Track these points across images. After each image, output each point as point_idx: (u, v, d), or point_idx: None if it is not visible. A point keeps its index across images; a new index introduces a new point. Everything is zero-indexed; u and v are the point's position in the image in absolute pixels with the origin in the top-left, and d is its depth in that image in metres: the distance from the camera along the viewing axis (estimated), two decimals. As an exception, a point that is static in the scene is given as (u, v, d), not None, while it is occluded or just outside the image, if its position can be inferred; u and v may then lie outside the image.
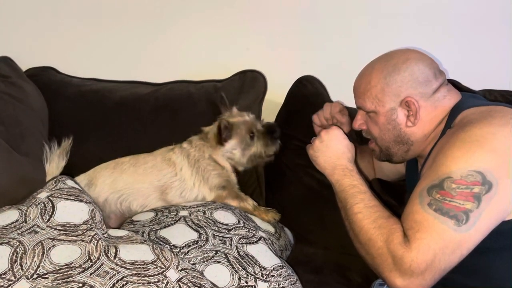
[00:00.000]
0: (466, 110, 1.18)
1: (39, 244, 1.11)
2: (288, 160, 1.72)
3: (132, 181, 1.50)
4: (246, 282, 1.18)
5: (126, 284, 1.04)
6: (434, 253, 1.01)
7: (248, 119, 1.57)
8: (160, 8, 2.00)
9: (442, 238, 1.01)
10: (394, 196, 1.54)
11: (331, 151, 1.30)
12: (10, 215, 1.21)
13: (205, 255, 1.21)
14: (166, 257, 1.13)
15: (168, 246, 1.23)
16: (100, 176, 1.51)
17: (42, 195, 1.25)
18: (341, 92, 1.77)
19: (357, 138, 1.62)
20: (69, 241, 1.13)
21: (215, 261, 1.20)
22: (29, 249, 1.09)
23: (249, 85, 1.82)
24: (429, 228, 1.03)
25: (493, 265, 1.10)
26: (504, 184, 1.02)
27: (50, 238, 1.13)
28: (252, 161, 1.57)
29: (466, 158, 1.04)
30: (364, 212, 1.15)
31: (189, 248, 1.23)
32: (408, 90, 1.21)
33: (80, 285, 1.02)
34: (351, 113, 1.46)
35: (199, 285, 1.10)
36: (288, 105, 1.84)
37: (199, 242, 1.25)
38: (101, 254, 1.10)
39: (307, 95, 1.80)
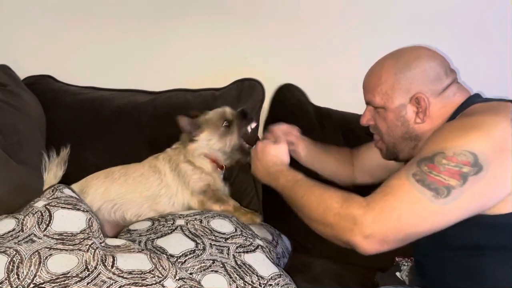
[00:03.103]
0: (474, 105, 1.18)
1: (36, 253, 1.10)
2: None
3: (123, 191, 1.49)
4: (244, 291, 1.17)
5: (123, 293, 1.04)
6: (399, 213, 1.00)
7: (220, 110, 1.57)
8: (158, 16, 2.01)
9: (413, 204, 1.01)
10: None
11: (261, 165, 1.39)
12: (7, 224, 1.21)
13: (202, 264, 1.21)
14: (164, 267, 1.12)
15: (165, 255, 1.22)
16: (92, 185, 1.50)
17: (39, 203, 1.25)
18: (340, 101, 1.79)
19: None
20: (66, 250, 1.13)
21: (212, 271, 1.19)
22: (25, 258, 1.08)
23: (247, 93, 1.83)
24: (402, 193, 1.02)
25: (488, 267, 1.08)
26: (494, 172, 1.01)
27: (47, 247, 1.12)
28: (232, 150, 1.54)
29: (463, 137, 1.04)
30: (308, 192, 1.18)
31: (186, 258, 1.22)
32: (418, 87, 1.22)
33: (77, 294, 1.02)
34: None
35: (196, 295, 1.09)
36: (272, 111, 1.89)
37: (196, 251, 1.25)
38: (99, 263, 1.10)
39: (288, 104, 1.86)
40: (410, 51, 1.27)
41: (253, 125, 1.57)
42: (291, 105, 1.86)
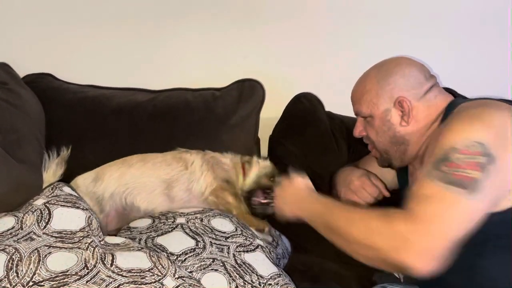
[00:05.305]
0: (463, 104, 1.21)
1: (35, 251, 1.10)
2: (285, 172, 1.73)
3: (139, 174, 1.50)
4: (243, 290, 1.17)
5: (122, 292, 1.04)
6: (443, 219, 0.99)
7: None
8: (158, 15, 2.01)
9: (454, 207, 1.00)
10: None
11: (289, 194, 1.35)
12: (6, 222, 1.21)
13: (202, 263, 1.21)
14: (163, 265, 1.12)
15: (165, 253, 1.22)
16: (107, 171, 1.51)
17: (39, 201, 1.25)
18: (339, 103, 1.79)
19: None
20: (66, 248, 1.13)
21: (212, 269, 1.19)
22: (25, 256, 1.08)
23: (248, 94, 1.82)
24: (441, 199, 1.01)
25: (485, 265, 1.08)
26: (501, 160, 1.02)
27: (46, 245, 1.12)
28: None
29: (467, 129, 1.06)
30: (347, 214, 1.14)
31: (186, 256, 1.23)
32: (400, 92, 1.27)
33: (76, 292, 1.02)
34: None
35: (196, 293, 1.09)
36: (285, 120, 1.87)
37: (196, 250, 1.25)
38: (98, 261, 1.10)
39: (305, 112, 1.84)
40: (391, 60, 1.34)
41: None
42: (307, 115, 1.85)
